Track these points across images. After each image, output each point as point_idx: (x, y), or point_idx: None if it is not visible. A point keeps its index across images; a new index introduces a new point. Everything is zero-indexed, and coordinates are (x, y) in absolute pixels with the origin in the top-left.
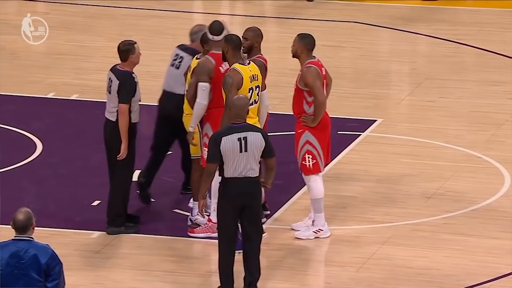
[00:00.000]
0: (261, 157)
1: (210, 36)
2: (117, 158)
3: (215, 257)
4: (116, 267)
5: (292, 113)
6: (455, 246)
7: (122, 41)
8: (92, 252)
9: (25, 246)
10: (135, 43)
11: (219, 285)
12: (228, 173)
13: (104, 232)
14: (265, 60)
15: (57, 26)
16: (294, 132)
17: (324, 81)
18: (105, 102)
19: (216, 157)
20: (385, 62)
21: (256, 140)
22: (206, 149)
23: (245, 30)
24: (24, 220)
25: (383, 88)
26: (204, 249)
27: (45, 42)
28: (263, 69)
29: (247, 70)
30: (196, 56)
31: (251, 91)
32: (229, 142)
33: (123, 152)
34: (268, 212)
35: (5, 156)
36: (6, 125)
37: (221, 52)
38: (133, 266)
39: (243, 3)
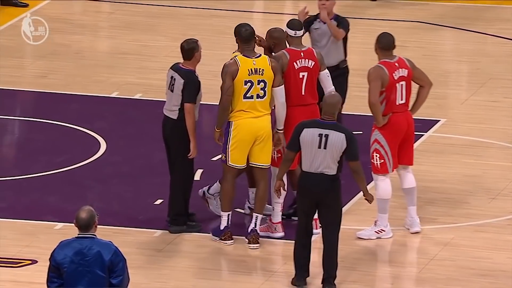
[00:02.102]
0: (345, 158)
1: (292, 32)
2: (188, 157)
3: (276, 256)
4: (178, 265)
5: (351, 113)
6: None
7: (185, 40)
8: (154, 251)
9: (89, 243)
10: (198, 41)
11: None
12: (305, 167)
13: (167, 231)
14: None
15: (121, 26)
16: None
17: (403, 82)
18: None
19: (294, 146)
20: (448, 61)
21: (337, 140)
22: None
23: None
24: (87, 218)
25: (446, 88)
26: (265, 248)
27: (109, 42)
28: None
29: (250, 63)
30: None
31: (249, 83)
32: (309, 135)
33: (193, 151)
34: None
35: (70, 154)
36: (71, 124)
37: (298, 49)
38: (194, 265)
39: (305, 3)
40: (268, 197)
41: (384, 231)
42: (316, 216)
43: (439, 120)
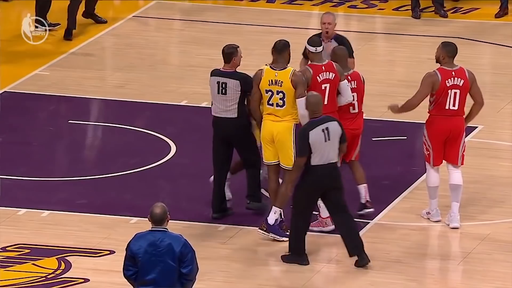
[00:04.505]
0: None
1: (312, 49)
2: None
3: (326, 248)
4: (239, 256)
5: (396, 120)
6: None
7: (226, 45)
8: (219, 243)
9: (161, 236)
10: (238, 47)
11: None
12: (314, 161)
13: (230, 226)
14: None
15: (190, 41)
16: (397, 138)
17: (456, 90)
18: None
19: (307, 151)
20: (486, 74)
21: (335, 129)
22: None
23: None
24: (160, 213)
25: (484, 97)
26: (315, 241)
27: (179, 56)
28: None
29: (272, 73)
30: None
31: (269, 92)
32: (316, 135)
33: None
34: (372, 209)
35: (143, 156)
36: (145, 129)
37: (320, 64)
38: (254, 256)
39: (356, 20)
40: (289, 194)
41: (430, 213)
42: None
43: (476, 127)
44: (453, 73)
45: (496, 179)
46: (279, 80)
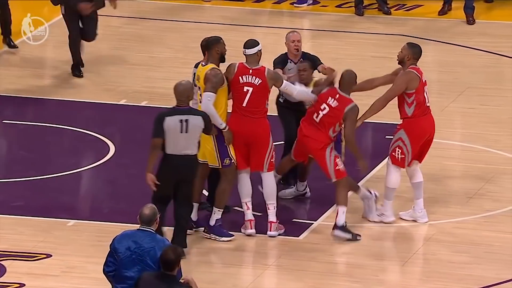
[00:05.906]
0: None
1: (243, 51)
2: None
3: (269, 251)
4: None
5: None
6: (495, 243)
7: (205, 38)
8: None
9: (147, 236)
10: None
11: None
12: (169, 150)
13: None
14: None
15: (130, 39)
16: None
17: (426, 87)
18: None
19: (160, 133)
20: (430, 72)
21: (196, 122)
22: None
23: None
24: (149, 214)
25: (429, 95)
26: (258, 244)
27: (118, 53)
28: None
29: (199, 69)
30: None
31: (196, 87)
32: (171, 122)
33: None
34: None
35: (82, 157)
36: (84, 129)
37: (249, 67)
38: (195, 259)
39: (299, 17)
40: (229, 195)
41: (384, 214)
42: (252, 217)
43: None
44: (421, 70)
45: (441, 179)
46: (199, 76)
